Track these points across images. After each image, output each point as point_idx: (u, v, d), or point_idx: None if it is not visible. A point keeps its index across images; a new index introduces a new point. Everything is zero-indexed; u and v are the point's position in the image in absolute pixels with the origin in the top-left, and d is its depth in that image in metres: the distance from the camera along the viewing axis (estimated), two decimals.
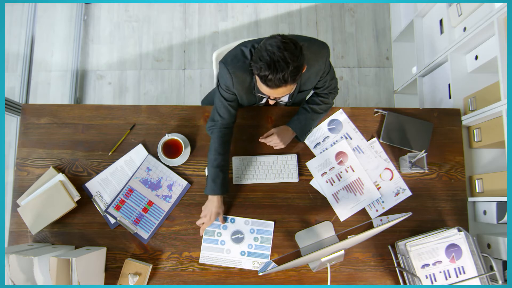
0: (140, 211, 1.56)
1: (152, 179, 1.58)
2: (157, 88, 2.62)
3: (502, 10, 1.45)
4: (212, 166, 1.45)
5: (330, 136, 1.64)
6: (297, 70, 1.15)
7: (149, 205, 1.56)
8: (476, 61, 1.75)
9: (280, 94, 1.23)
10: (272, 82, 1.15)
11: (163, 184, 1.58)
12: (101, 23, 2.70)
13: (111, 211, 1.54)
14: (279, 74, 1.13)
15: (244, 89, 1.38)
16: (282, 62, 1.12)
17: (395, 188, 1.60)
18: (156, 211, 1.56)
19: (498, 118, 1.52)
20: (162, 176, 1.58)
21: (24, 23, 2.36)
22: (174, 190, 1.57)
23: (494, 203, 1.50)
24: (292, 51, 1.13)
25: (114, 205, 1.55)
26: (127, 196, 1.56)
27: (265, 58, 1.13)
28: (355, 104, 2.61)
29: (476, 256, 1.48)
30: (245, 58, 1.31)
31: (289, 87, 1.20)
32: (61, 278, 1.30)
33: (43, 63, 2.62)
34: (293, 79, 1.16)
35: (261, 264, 1.54)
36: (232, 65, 1.32)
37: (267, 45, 1.15)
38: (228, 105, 1.43)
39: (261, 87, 1.22)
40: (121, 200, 1.55)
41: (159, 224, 1.55)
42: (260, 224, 1.57)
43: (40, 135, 1.61)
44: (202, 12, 2.71)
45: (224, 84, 1.37)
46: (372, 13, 2.71)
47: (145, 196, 1.57)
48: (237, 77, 1.33)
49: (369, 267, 1.56)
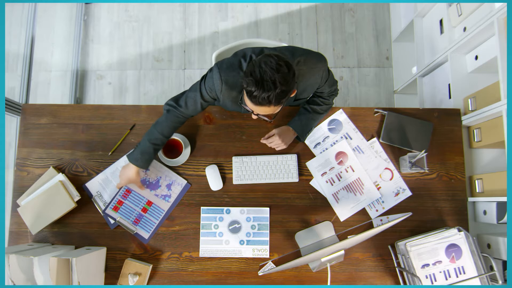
0: (139, 211, 1.56)
1: (150, 179, 1.58)
2: (157, 88, 2.62)
3: (502, 10, 1.45)
4: (149, 141, 1.43)
5: (330, 136, 1.64)
6: (283, 94, 1.16)
7: (148, 205, 1.56)
8: (476, 61, 1.75)
9: (263, 112, 1.25)
10: (256, 99, 1.17)
11: (162, 184, 1.58)
12: (101, 23, 2.70)
13: (109, 212, 1.54)
14: (265, 93, 1.14)
15: (230, 98, 1.39)
16: (271, 83, 1.13)
17: (395, 188, 1.60)
18: (155, 211, 1.56)
19: (498, 118, 1.52)
20: (161, 175, 1.58)
21: (24, 23, 2.36)
22: (174, 190, 1.57)
23: (494, 203, 1.50)
24: (284, 75, 1.14)
25: (112, 207, 1.55)
26: (124, 197, 1.56)
27: (256, 74, 1.14)
28: (355, 104, 2.61)
29: (476, 256, 1.48)
30: (240, 70, 1.31)
31: (273, 108, 1.22)
32: (61, 278, 1.30)
33: (43, 63, 2.62)
34: (278, 102, 1.18)
35: (261, 251, 1.55)
36: (226, 73, 1.32)
37: (261, 62, 1.15)
38: (200, 103, 1.42)
39: (246, 101, 1.25)
40: (119, 201, 1.55)
41: (159, 224, 1.55)
42: (256, 211, 1.57)
43: (40, 135, 1.61)
44: (202, 12, 2.71)
45: (210, 87, 1.37)
46: (372, 13, 2.71)
47: (143, 196, 1.57)
48: (227, 85, 1.34)
49: (369, 267, 1.56)
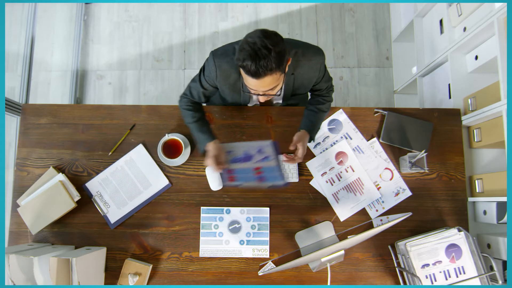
0: (254, 174, 1.42)
1: (238, 156, 1.48)
2: (157, 88, 2.62)
3: (502, 10, 1.44)
4: (191, 123, 1.46)
5: (330, 136, 1.64)
6: (280, 56, 1.14)
7: (256, 169, 1.44)
8: (476, 61, 1.75)
9: (267, 85, 1.20)
10: (256, 70, 1.13)
11: (253, 153, 1.48)
12: (101, 23, 2.70)
13: (227, 183, 1.40)
14: (262, 61, 1.12)
15: (227, 85, 1.39)
16: (264, 49, 1.11)
17: (395, 188, 1.60)
18: (268, 168, 1.44)
19: (498, 118, 1.52)
20: (246, 149, 1.49)
21: (24, 23, 2.36)
22: (266, 151, 1.48)
23: (494, 203, 1.50)
24: (272, 39, 1.14)
25: (228, 179, 1.41)
26: (230, 176, 1.43)
27: (246, 48, 1.13)
28: (355, 104, 2.61)
29: (476, 256, 1.48)
30: (233, 55, 1.31)
31: (275, 76, 1.18)
32: (61, 278, 1.30)
33: (43, 63, 2.62)
34: (278, 66, 1.14)
35: (261, 251, 1.55)
36: (220, 58, 1.33)
37: (248, 37, 1.16)
38: (202, 92, 1.45)
39: (248, 81, 1.21)
40: (230, 176, 1.42)
41: (280, 167, 1.44)
42: (256, 211, 1.57)
43: (40, 135, 1.61)
44: (202, 12, 2.71)
45: (207, 75, 1.39)
46: (372, 13, 2.71)
47: (247, 168, 1.44)
48: (222, 71, 1.34)
49: (369, 267, 1.56)
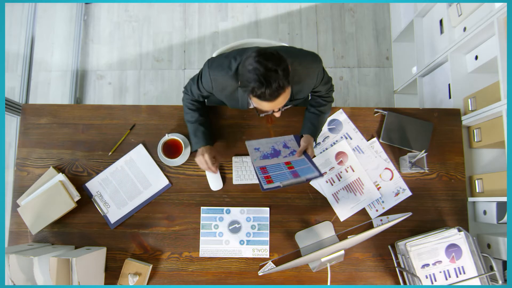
0: (287, 169, 1.46)
1: (267, 152, 1.55)
2: (157, 88, 2.62)
3: (502, 10, 1.45)
4: (190, 122, 1.50)
5: (330, 136, 1.64)
6: (286, 72, 1.15)
7: (287, 164, 1.49)
8: (476, 61, 1.75)
9: (282, 102, 1.22)
10: (271, 94, 1.14)
11: (280, 148, 1.56)
12: (101, 23, 2.70)
13: (266, 186, 1.39)
14: (274, 84, 1.12)
15: (224, 95, 1.40)
16: (271, 72, 1.11)
17: (395, 188, 1.60)
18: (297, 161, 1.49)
19: (498, 118, 1.52)
20: (273, 145, 1.57)
21: (24, 23, 2.36)
22: (291, 145, 1.56)
23: (494, 203, 1.50)
24: (272, 58, 1.13)
25: (265, 181, 1.42)
26: (266, 175, 1.45)
27: (253, 78, 1.12)
28: (355, 104, 2.61)
29: (476, 256, 1.48)
30: (229, 69, 1.31)
31: (287, 91, 1.20)
32: (61, 278, 1.30)
33: (43, 63, 2.62)
34: (287, 82, 1.16)
35: (261, 251, 1.55)
36: (215, 71, 1.34)
37: (247, 66, 1.15)
38: (200, 94, 1.48)
39: (261, 105, 1.22)
40: (267, 176, 1.45)
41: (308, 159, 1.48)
42: (256, 211, 1.57)
43: (40, 135, 1.61)
44: (202, 12, 2.71)
45: (204, 84, 1.40)
46: (372, 13, 2.71)
47: (278, 163, 1.50)
48: (217, 83, 1.35)
49: (369, 267, 1.56)
